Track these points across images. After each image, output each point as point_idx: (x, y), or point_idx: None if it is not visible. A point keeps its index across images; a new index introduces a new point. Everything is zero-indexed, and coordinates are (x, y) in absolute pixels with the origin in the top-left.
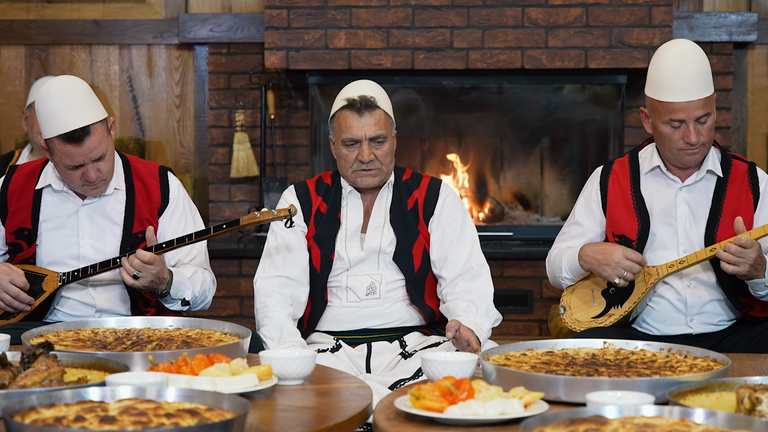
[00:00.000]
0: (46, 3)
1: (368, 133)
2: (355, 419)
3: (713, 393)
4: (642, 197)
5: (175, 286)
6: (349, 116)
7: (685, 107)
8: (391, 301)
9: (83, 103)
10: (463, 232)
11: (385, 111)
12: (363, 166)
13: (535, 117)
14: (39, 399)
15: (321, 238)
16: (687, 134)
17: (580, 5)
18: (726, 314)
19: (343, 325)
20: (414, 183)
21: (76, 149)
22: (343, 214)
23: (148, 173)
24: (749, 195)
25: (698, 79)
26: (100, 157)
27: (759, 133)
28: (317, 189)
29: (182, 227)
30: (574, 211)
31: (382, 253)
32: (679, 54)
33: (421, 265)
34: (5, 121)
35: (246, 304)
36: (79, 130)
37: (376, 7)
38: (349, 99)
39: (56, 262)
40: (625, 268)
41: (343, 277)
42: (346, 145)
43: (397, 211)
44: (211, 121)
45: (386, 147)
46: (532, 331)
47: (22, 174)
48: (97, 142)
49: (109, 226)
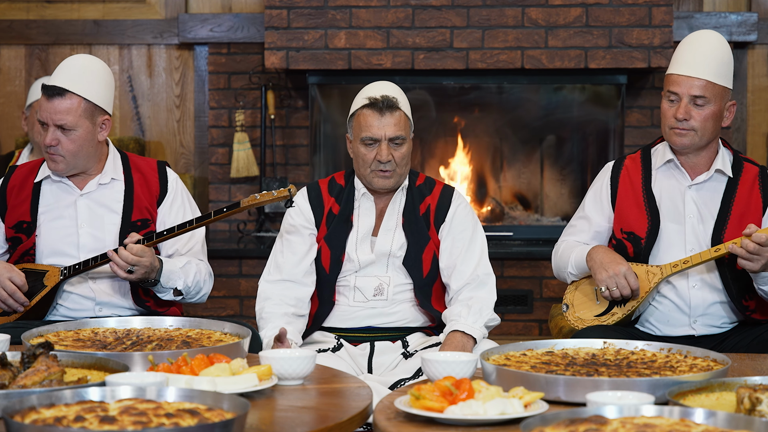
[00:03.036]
0: (46, 3)
1: (388, 133)
2: (355, 419)
3: (713, 393)
4: (653, 194)
5: (166, 275)
6: (370, 115)
7: (683, 81)
8: (398, 303)
9: (85, 76)
10: (473, 241)
11: (405, 113)
12: (381, 167)
13: (535, 117)
14: (39, 399)
15: (332, 239)
16: (678, 109)
17: (580, 5)
18: (729, 317)
19: (347, 322)
20: (427, 189)
21: (45, 103)
22: (356, 216)
23: (147, 166)
24: (759, 198)
25: (707, 60)
26: (63, 126)
27: (759, 133)
28: (330, 190)
29: (181, 217)
30: (583, 205)
31: (392, 257)
32: (701, 35)
33: (430, 271)
34: (5, 121)
35: (246, 304)
36: (58, 88)
37: (376, 7)
38: (371, 98)
39: (56, 252)
40: (619, 284)
41: (352, 277)
42: (365, 144)
43: (409, 216)
44: (211, 121)
45: (404, 149)
46: (532, 331)
47: (22, 171)
48: (66, 110)
49: (108, 214)
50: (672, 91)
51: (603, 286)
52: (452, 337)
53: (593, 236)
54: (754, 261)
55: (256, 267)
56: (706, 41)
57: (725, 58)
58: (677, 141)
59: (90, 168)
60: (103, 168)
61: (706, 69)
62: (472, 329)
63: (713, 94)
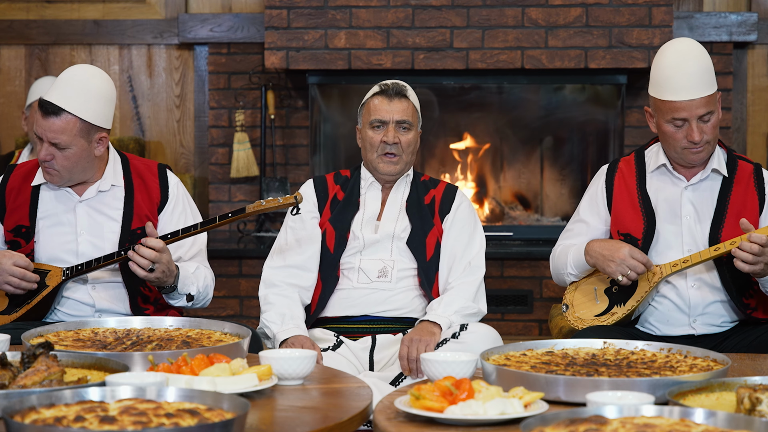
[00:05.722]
0: (46, 3)
1: (396, 116)
2: (356, 419)
3: (713, 393)
4: (648, 196)
5: (182, 281)
6: (380, 101)
7: (687, 106)
8: (401, 290)
9: (83, 94)
10: (473, 239)
11: (414, 104)
12: (387, 149)
13: (535, 117)
14: (39, 399)
15: (337, 221)
16: (690, 133)
17: (580, 5)
18: (729, 316)
19: (348, 309)
20: (432, 184)
21: (40, 119)
22: (362, 201)
23: (147, 170)
24: (755, 196)
25: (700, 77)
26: (57, 144)
27: (759, 133)
28: (336, 179)
29: (182, 224)
30: (579, 209)
31: (396, 239)
32: (680, 52)
33: (433, 255)
34: (5, 121)
35: (246, 304)
36: (54, 106)
37: (376, 7)
38: (381, 86)
39: (55, 259)
40: (630, 266)
41: (356, 258)
42: (372, 127)
43: (413, 203)
44: (211, 121)
45: (411, 135)
46: (532, 331)
47: (20, 172)
48: (60, 129)
49: (108, 222)
50: (677, 118)
51: (618, 276)
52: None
53: (590, 239)
54: (757, 264)
55: (256, 267)
56: (689, 56)
57: (708, 63)
58: (695, 159)
59: (88, 178)
60: (103, 174)
61: (701, 86)
62: (437, 318)
63: (713, 102)
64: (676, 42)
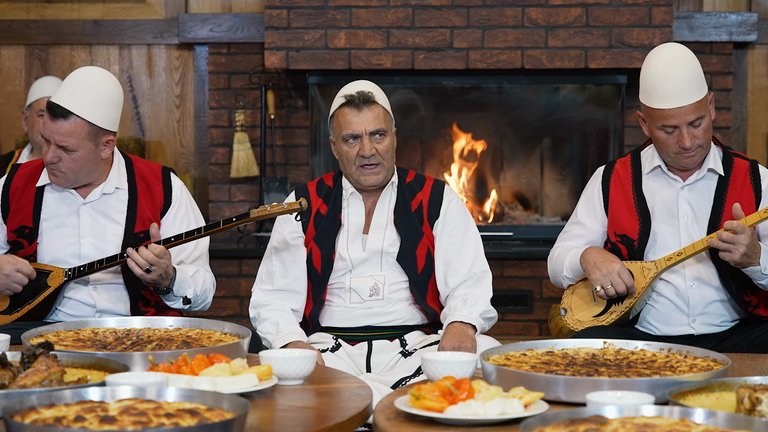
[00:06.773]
0: (46, 3)
1: (368, 127)
2: (355, 419)
3: (713, 393)
4: (644, 197)
5: (178, 283)
6: (349, 113)
7: (676, 113)
8: (395, 302)
9: (92, 97)
10: (466, 237)
11: (383, 107)
12: (365, 161)
13: (535, 117)
14: (39, 399)
15: (321, 239)
16: (681, 139)
17: (580, 5)
18: (729, 315)
19: (346, 322)
20: (418, 185)
21: (48, 121)
22: (344, 215)
23: (151, 173)
24: (751, 193)
25: (688, 83)
26: (64, 147)
27: (759, 133)
28: (318, 191)
29: (185, 228)
30: (576, 211)
31: (385, 254)
32: (666, 60)
33: (424, 267)
34: (5, 121)
35: (246, 304)
36: (62, 108)
37: (376, 7)
38: (347, 96)
39: (57, 261)
40: (613, 281)
41: (347, 278)
42: (346, 142)
43: (401, 212)
44: (211, 121)
45: (387, 142)
46: (532, 331)
47: (24, 173)
48: (68, 132)
49: (111, 225)
50: (668, 125)
51: (597, 285)
52: (451, 327)
53: (588, 241)
54: (732, 251)
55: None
56: (676, 64)
57: (697, 68)
58: (689, 162)
59: (93, 180)
60: (107, 176)
61: (690, 93)
62: (470, 318)
63: (704, 107)
64: (663, 48)
